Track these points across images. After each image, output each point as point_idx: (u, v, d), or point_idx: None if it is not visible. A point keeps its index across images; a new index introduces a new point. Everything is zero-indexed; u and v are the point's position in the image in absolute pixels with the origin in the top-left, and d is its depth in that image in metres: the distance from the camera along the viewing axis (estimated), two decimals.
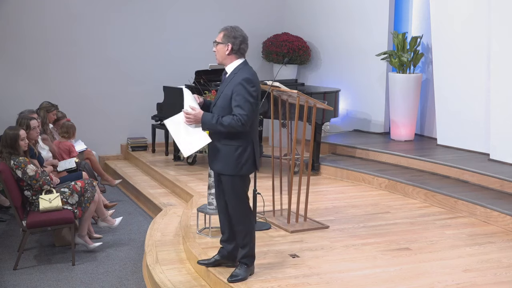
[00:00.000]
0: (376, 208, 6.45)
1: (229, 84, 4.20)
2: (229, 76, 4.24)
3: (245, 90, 4.12)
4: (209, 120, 4.16)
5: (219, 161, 4.26)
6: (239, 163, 4.22)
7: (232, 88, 4.16)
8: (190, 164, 8.45)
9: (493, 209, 5.90)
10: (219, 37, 4.26)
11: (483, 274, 4.61)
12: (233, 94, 4.14)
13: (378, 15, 8.99)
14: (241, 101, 4.11)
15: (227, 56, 4.25)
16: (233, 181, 4.26)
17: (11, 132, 5.48)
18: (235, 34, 4.23)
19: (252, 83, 4.14)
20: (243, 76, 4.15)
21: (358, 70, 9.29)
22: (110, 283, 5.16)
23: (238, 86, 4.12)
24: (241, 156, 4.22)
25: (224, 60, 4.28)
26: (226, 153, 4.22)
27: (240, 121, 4.09)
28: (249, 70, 4.25)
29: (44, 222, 5.47)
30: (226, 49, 4.23)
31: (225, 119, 4.12)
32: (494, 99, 7.17)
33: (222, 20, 9.96)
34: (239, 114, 4.09)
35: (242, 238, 4.40)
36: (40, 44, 9.05)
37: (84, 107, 9.25)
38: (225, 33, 4.24)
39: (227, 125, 4.10)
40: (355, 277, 4.51)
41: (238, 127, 4.09)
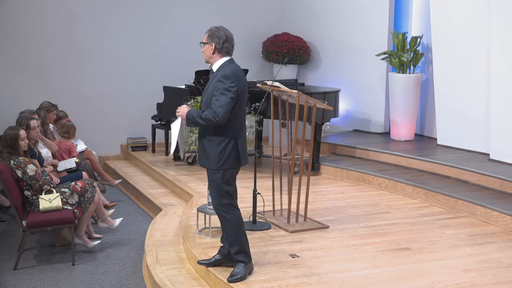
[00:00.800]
0: (376, 208, 6.45)
1: (212, 82, 4.35)
2: (214, 74, 4.39)
3: (223, 85, 4.24)
4: (191, 114, 4.30)
5: (204, 156, 4.39)
6: (222, 158, 4.31)
7: (213, 85, 4.30)
8: (190, 164, 8.45)
9: (493, 209, 5.90)
10: (204, 38, 4.42)
11: (483, 274, 4.61)
12: (213, 90, 4.29)
13: (378, 15, 8.99)
14: (218, 95, 4.24)
15: (212, 55, 4.39)
16: (214, 175, 4.34)
17: (11, 132, 5.48)
18: (219, 34, 4.38)
19: (230, 79, 4.25)
20: (224, 72, 4.29)
21: (358, 70, 9.29)
22: (110, 283, 5.16)
23: (217, 82, 4.27)
24: (223, 150, 4.31)
25: (210, 59, 4.41)
26: (210, 148, 4.33)
27: (215, 112, 4.19)
28: (232, 67, 4.34)
29: (44, 222, 5.47)
30: (211, 48, 4.37)
31: (204, 113, 4.25)
32: (494, 99, 7.17)
33: (222, 20, 9.93)
34: (215, 106, 4.21)
35: (228, 235, 4.44)
36: (40, 44, 9.05)
37: (84, 107, 9.25)
38: (209, 34, 4.40)
39: (205, 118, 4.22)
40: (355, 277, 4.51)
41: (213, 118, 4.19)
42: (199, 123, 4.27)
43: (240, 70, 4.44)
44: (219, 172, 4.32)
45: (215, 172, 4.33)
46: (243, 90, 4.36)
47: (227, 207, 4.38)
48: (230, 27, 10.69)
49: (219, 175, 4.33)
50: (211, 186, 4.41)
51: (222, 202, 4.37)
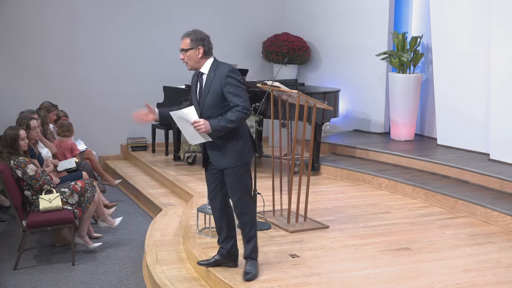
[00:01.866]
0: (376, 208, 6.45)
1: (213, 81, 4.25)
2: (209, 75, 4.30)
3: (236, 80, 4.21)
4: (217, 125, 4.18)
5: (224, 157, 4.32)
6: (243, 152, 4.32)
7: (220, 83, 4.22)
8: (190, 164, 8.45)
9: (493, 209, 5.90)
10: (186, 44, 4.31)
11: (483, 274, 4.61)
12: (224, 87, 4.21)
13: (378, 15, 8.99)
14: (236, 90, 4.20)
15: (200, 59, 4.32)
16: (239, 171, 4.32)
17: (11, 132, 5.48)
18: (202, 36, 4.33)
19: (237, 72, 4.26)
20: (227, 68, 4.25)
21: (358, 70, 9.29)
22: (110, 283, 5.16)
23: (227, 78, 4.20)
24: (244, 145, 4.32)
25: (197, 64, 4.33)
26: (230, 146, 4.29)
27: (246, 108, 4.18)
28: (225, 63, 4.35)
29: (44, 222, 5.47)
30: (198, 53, 4.30)
31: (229, 115, 4.17)
32: (494, 99, 7.17)
33: (222, 20, 10.03)
34: (242, 102, 4.18)
35: (248, 231, 4.43)
36: (40, 44, 9.05)
37: (84, 107, 9.25)
38: (192, 38, 4.31)
39: (236, 119, 4.17)
40: (355, 277, 4.51)
41: (245, 115, 4.19)
42: (230, 127, 4.20)
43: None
44: (242, 167, 4.33)
45: (239, 168, 4.32)
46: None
47: (250, 202, 4.44)
48: (230, 27, 10.73)
49: (243, 170, 4.34)
50: (236, 185, 4.35)
51: (248, 199, 4.40)
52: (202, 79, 4.35)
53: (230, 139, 4.28)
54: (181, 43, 4.36)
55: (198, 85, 4.39)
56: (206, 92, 4.30)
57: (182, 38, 4.37)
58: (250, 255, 4.48)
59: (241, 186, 4.37)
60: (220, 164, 4.36)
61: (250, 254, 4.48)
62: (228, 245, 4.58)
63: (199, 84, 4.38)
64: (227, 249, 4.57)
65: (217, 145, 4.31)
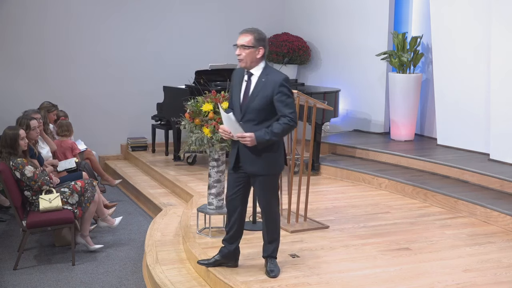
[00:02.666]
0: (376, 208, 6.45)
1: (265, 86, 4.19)
2: (260, 78, 4.23)
3: (288, 90, 4.19)
4: (262, 138, 4.16)
5: (257, 163, 4.28)
6: (277, 163, 4.35)
7: (271, 89, 4.17)
8: (190, 164, 8.45)
9: (493, 209, 5.90)
10: (248, 41, 4.20)
11: (483, 274, 4.61)
12: (276, 95, 4.16)
13: (378, 15, 8.99)
14: (287, 100, 4.17)
15: (257, 59, 4.24)
16: (273, 180, 4.36)
17: (10, 132, 5.48)
18: (263, 36, 4.24)
19: (289, 82, 4.23)
20: (281, 76, 4.21)
21: (358, 70, 9.29)
22: (110, 283, 5.15)
23: (281, 87, 4.16)
24: (280, 155, 4.34)
25: (252, 63, 4.24)
26: (266, 155, 4.26)
27: (293, 120, 4.17)
28: (277, 70, 4.31)
29: (44, 222, 5.47)
30: (257, 53, 4.22)
31: (275, 128, 4.16)
32: (494, 99, 7.17)
33: (222, 20, 10.03)
34: (289, 113, 4.15)
35: (272, 233, 4.49)
36: (40, 44, 9.05)
37: (84, 107, 9.25)
38: (255, 37, 4.20)
39: (282, 132, 4.18)
40: (355, 277, 4.51)
41: (292, 127, 4.19)
42: (274, 140, 4.21)
43: None
44: (274, 176, 4.37)
45: (275, 176, 4.36)
46: None
47: (278, 209, 4.51)
48: (230, 27, 10.74)
49: (277, 178, 4.40)
50: (266, 193, 4.37)
51: (275, 204, 4.45)
52: (250, 80, 4.28)
53: (267, 147, 4.24)
54: (241, 38, 4.24)
55: (244, 85, 4.32)
56: (255, 95, 4.23)
57: (243, 34, 4.24)
58: (271, 254, 4.54)
59: (271, 194, 4.39)
60: (252, 170, 4.32)
61: (271, 254, 4.54)
62: (232, 246, 4.57)
63: (245, 84, 4.31)
64: (230, 249, 4.57)
65: (253, 151, 4.26)
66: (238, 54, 4.24)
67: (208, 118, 5.29)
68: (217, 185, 5.45)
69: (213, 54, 9.81)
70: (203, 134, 5.27)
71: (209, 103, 5.33)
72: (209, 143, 5.31)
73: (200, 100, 5.39)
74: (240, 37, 4.25)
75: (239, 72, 4.41)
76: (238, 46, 4.24)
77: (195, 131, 5.33)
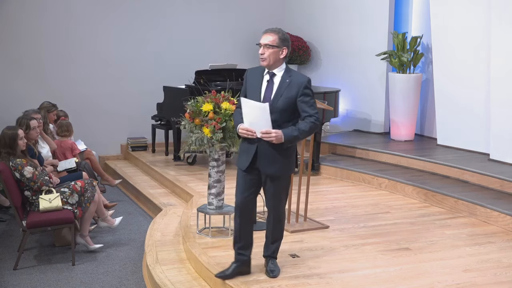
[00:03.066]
0: (376, 208, 6.45)
1: (289, 88, 4.18)
2: (283, 79, 4.21)
3: (311, 92, 4.22)
4: (291, 135, 4.16)
5: (275, 164, 4.24)
6: (293, 163, 4.35)
7: (296, 91, 4.17)
8: (190, 164, 8.45)
9: (493, 209, 5.90)
10: (273, 40, 4.18)
11: (483, 274, 4.61)
12: (300, 96, 4.17)
13: (378, 15, 8.99)
14: (311, 101, 4.20)
15: (280, 60, 4.23)
16: (286, 180, 4.39)
17: (9, 132, 5.47)
18: (287, 37, 4.24)
19: (311, 83, 4.26)
20: (304, 78, 4.22)
21: (358, 70, 9.29)
22: (110, 283, 5.15)
23: (305, 89, 4.18)
24: (293, 154, 4.35)
25: (275, 63, 4.22)
26: (284, 156, 4.25)
27: (318, 120, 4.21)
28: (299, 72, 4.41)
29: (44, 222, 5.47)
30: (281, 53, 4.20)
31: (303, 126, 4.17)
32: (494, 99, 7.17)
33: (222, 20, 10.03)
34: (315, 113, 4.19)
35: (277, 233, 4.50)
36: (40, 44, 9.05)
37: (84, 107, 9.25)
38: (280, 37, 4.19)
39: (309, 130, 4.19)
40: (355, 277, 4.51)
41: (317, 126, 4.23)
42: (302, 138, 4.26)
43: None
44: (289, 177, 4.41)
45: (287, 178, 4.38)
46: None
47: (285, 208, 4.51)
48: (230, 27, 10.72)
49: (289, 178, 4.43)
50: (279, 193, 4.36)
51: (284, 205, 4.47)
52: (273, 81, 4.25)
53: (285, 148, 4.23)
54: (265, 37, 4.21)
55: (265, 85, 4.27)
56: (279, 96, 4.20)
57: (267, 33, 4.23)
58: (272, 255, 4.54)
59: (284, 194, 4.41)
60: (270, 171, 4.26)
61: (272, 254, 4.54)
62: (248, 252, 4.49)
63: (266, 85, 4.27)
64: (248, 255, 4.49)
65: (272, 151, 4.21)
66: (262, 53, 4.20)
67: (208, 118, 5.29)
68: (217, 185, 5.45)
69: (213, 54, 9.82)
70: (203, 134, 5.27)
71: (209, 103, 5.33)
72: (209, 143, 5.30)
73: (200, 100, 5.39)
74: (264, 36, 4.22)
75: (256, 72, 4.36)
76: (261, 45, 4.21)
77: (195, 131, 5.32)
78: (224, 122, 5.28)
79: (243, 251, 4.47)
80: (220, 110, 5.32)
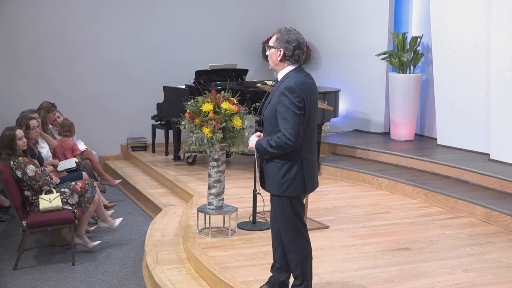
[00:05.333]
0: (376, 208, 6.45)
1: (275, 94, 3.79)
2: (277, 84, 3.84)
3: (287, 100, 3.66)
4: (260, 145, 3.79)
5: (266, 179, 3.87)
6: (284, 183, 3.77)
7: (277, 98, 3.74)
8: (190, 164, 8.45)
9: (493, 209, 5.90)
10: (272, 41, 3.85)
11: (483, 274, 4.61)
12: (277, 105, 3.72)
13: (378, 15, 8.99)
14: (285, 113, 3.66)
15: (279, 62, 3.82)
16: (281, 202, 3.83)
17: (7, 132, 5.48)
18: (289, 38, 3.79)
19: (294, 92, 3.66)
20: (286, 84, 3.72)
21: (358, 70, 9.29)
22: (110, 283, 5.15)
23: (281, 96, 3.69)
24: (286, 175, 3.76)
25: (275, 66, 3.86)
26: (272, 170, 3.81)
27: (285, 136, 3.64)
28: (298, 78, 3.75)
29: (44, 222, 5.47)
30: (278, 54, 3.81)
31: (273, 140, 3.70)
32: (494, 99, 7.17)
33: (222, 20, 10.03)
34: (285, 129, 3.65)
35: (294, 267, 3.92)
36: (40, 44, 9.05)
37: (84, 107, 9.25)
38: (278, 37, 3.81)
39: (276, 147, 3.68)
40: (355, 277, 4.51)
41: (285, 144, 3.64)
42: (271, 152, 3.72)
43: (309, 80, 3.82)
44: (284, 199, 3.81)
45: (280, 199, 3.82)
46: (311, 105, 3.75)
47: (297, 239, 3.87)
48: (230, 27, 10.71)
49: (286, 203, 3.81)
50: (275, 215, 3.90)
51: (292, 233, 3.86)
52: (275, 84, 3.91)
53: (274, 161, 3.78)
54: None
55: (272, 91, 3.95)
56: (268, 102, 3.85)
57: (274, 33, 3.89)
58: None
59: (282, 219, 3.86)
60: (262, 184, 3.93)
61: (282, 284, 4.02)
62: (282, 276, 4.04)
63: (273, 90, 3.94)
64: (279, 280, 4.04)
65: (264, 164, 3.89)
66: (267, 55, 3.91)
67: (208, 118, 5.29)
68: (217, 185, 5.45)
69: (213, 54, 9.82)
70: (203, 134, 5.27)
71: (209, 103, 5.33)
72: (209, 143, 5.31)
73: (200, 100, 5.39)
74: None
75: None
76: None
77: (195, 131, 5.32)
78: (224, 122, 5.28)
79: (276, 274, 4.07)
80: (220, 110, 5.32)
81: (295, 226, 3.86)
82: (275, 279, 4.06)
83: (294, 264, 3.90)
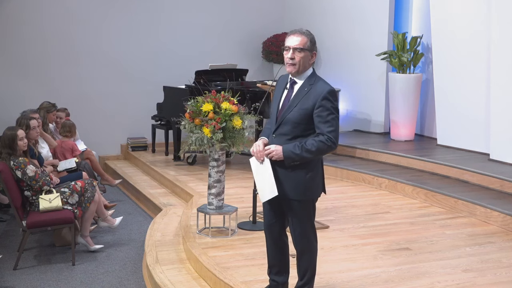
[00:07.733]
0: (376, 208, 6.45)
1: (306, 97, 3.68)
2: (302, 87, 3.73)
3: (330, 104, 3.63)
4: (291, 152, 3.62)
5: (287, 186, 3.72)
6: (310, 187, 3.75)
7: (313, 102, 3.64)
8: (190, 164, 8.45)
9: (493, 209, 5.90)
10: (303, 43, 3.68)
11: (483, 274, 4.61)
12: (317, 109, 3.63)
13: (378, 15, 8.99)
14: (329, 117, 3.62)
15: (309, 65, 3.74)
16: (305, 206, 3.78)
17: (9, 132, 5.48)
18: (315, 40, 3.74)
19: (335, 96, 3.68)
20: (326, 88, 3.66)
21: (358, 70, 9.29)
22: (110, 283, 5.16)
23: (324, 100, 3.62)
24: (312, 180, 3.75)
25: (303, 69, 3.72)
26: (296, 177, 3.71)
27: (331, 140, 3.60)
28: (324, 80, 3.76)
29: (44, 222, 5.47)
30: (311, 57, 3.73)
31: (309, 144, 3.60)
32: (494, 99, 7.17)
33: (222, 20, 10.03)
34: (328, 132, 3.60)
35: (305, 269, 3.92)
36: (40, 44, 9.05)
37: (84, 107, 9.25)
38: (311, 39, 3.70)
39: (317, 150, 3.60)
40: (355, 277, 4.51)
41: (329, 148, 3.61)
42: (306, 158, 3.61)
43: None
44: (309, 203, 3.78)
45: (305, 204, 3.76)
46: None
47: (314, 241, 3.90)
48: (231, 27, 10.72)
49: (310, 207, 3.80)
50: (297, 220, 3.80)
51: (309, 236, 3.85)
52: (293, 89, 3.77)
53: (297, 168, 3.69)
54: (294, 39, 3.70)
55: (284, 94, 3.81)
56: (293, 106, 3.70)
57: (296, 34, 3.70)
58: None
59: (302, 223, 3.81)
60: (282, 193, 3.73)
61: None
62: (282, 278, 4.03)
63: (286, 93, 3.80)
64: (281, 282, 4.03)
65: (282, 171, 3.72)
66: (292, 58, 3.69)
67: (208, 118, 5.29)
68: (217, 185, 5.45)
69: (213, 54, 9.82)
70: (203, 134, 5.27)
71: (209, 103, 5.33)
72: (209, 143, 5.31)
73: (200, 100, 5.39)
74: (292, 37, 3.72)
75: (282, 81, 3.91)
76: (290, 48, 3.70)
77: (195, 131, 5.33)
78: (224, 122, 5.28)
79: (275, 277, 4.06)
80: (220, 110, 5.32)
81: (313, 227, 3.88)
82: (276, 283, 4.04)
83: (305, 265, 3.91)
